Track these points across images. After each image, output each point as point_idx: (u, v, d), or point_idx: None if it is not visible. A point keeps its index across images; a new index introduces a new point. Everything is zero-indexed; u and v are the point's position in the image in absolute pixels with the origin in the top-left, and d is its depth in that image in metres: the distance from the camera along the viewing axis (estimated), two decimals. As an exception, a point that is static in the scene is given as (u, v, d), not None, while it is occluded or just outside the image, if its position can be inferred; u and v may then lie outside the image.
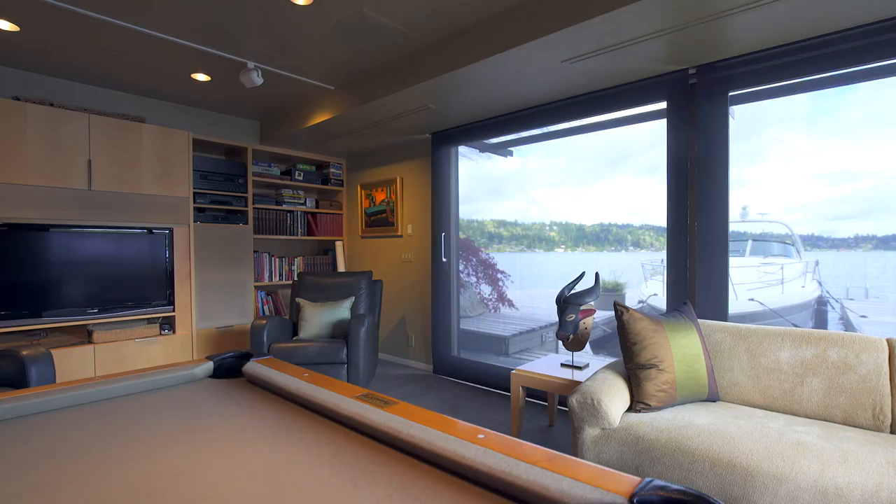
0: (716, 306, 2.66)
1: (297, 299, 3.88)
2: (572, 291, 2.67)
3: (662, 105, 2.86)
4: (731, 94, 2.61)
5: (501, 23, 2.47)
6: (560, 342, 2.81)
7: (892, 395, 1.88)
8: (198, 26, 2.63)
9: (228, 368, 1.49)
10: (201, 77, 3.38)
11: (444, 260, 4.18)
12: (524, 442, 0.92)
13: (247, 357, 1.50)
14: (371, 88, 3.31)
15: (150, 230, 3.70)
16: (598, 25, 2.13)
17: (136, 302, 3.64)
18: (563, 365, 2.72)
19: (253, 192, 4.47)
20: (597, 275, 2.76)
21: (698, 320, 2.35)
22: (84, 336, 3.49)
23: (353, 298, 3.90)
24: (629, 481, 0.73)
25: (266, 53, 2.99)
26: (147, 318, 3.73)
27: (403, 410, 1.07)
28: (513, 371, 2.68)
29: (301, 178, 4.86)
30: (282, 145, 4.62)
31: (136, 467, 0.93)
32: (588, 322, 2.65)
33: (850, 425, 1.91)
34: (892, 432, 1.85)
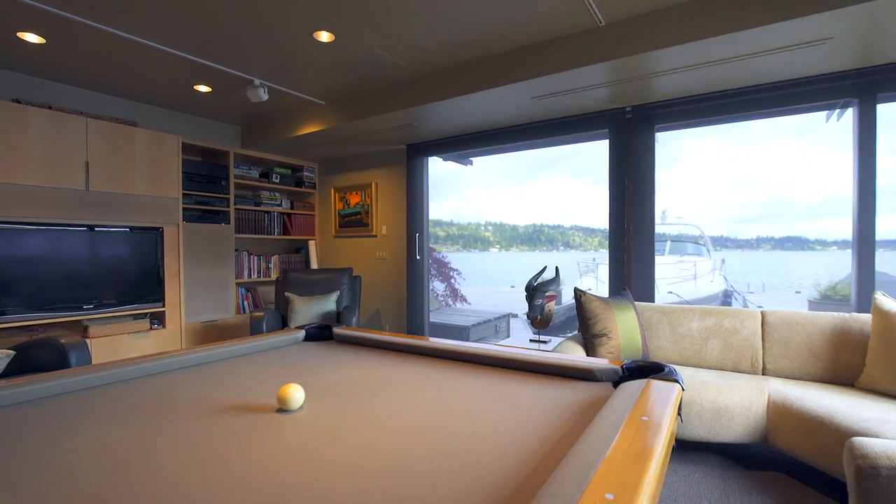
0: (646, 291, 3.41)
1: (286, 293, 4.22)
2: (538, 281, 3.31)
3: (605, 131, 3.59)
4: (656, 126, 3.38)
5: (487, 66, 3.05)
6: (520, 325, 3.42)
7: (763, 348, 2.68)
8: (213, 46, 2.96)
9: (311, 335, 1.94)
10: (203, 88, 3.66)
11: (417, 258, 4.69)
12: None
13: (326, 328, 1.96)
14: (363, 107, 3.77)
15: (142, 229, 3.89)
16: (562, 77, 2.79)
17: (130, 298, 3.83)
18: (531, 340, 3.35)
19: (234, 193, 4.72)
20: (556, 268, 3.43)
21: (634, 302, 3.07)
22: (80, 331, 3.64)
23: (338, 292, 4.31)
24: (621, 361, 1.34)
25: (271, 72, 3.36)
26: (139, 314, 3.92)
27: (469, 345, 1.64)
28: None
29: (277, 181, 5.16)
30: (261, 149, 4.91)
31: (331, 377, 1.42)
32: (551, 306, 3.30)
33: (737, 371, 2.69)
34: (762, 374, 2.65)
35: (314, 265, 5.50)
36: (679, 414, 1.01)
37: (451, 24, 2.64)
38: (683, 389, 1.12)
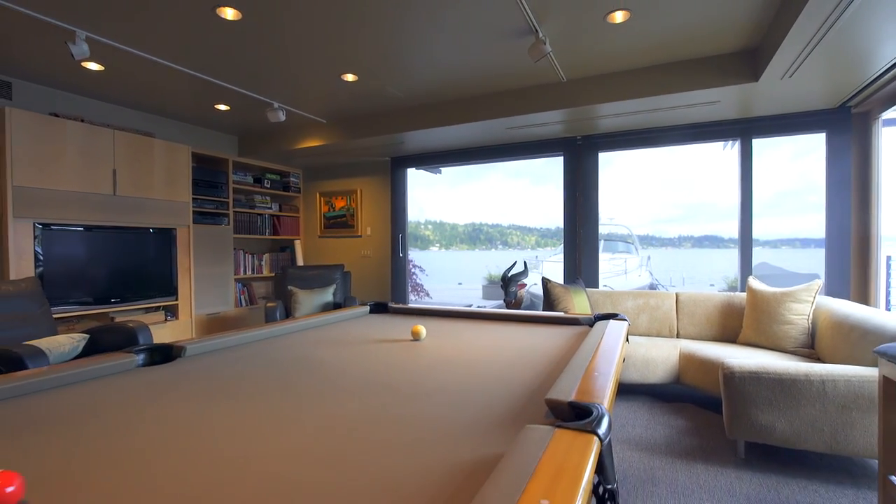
0: (592, 279, 4.36)
1: (290, 287, 4.78)
2: (512, 273, 4.15)
3: (561, 153, 4.50)
4: (600, 151, 4.33)
5: (475, 103, 3.85)
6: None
7: (677, 319, 3.68)
8: (242, 74, 3.49)
9: (372, 310, 2.64)
10: (222, 107, 4.16)
11: (401, 255, 5.40)
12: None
13: (382, 305, 2.66)
14: (361, 127, 4.43)
15: (159, 230, 4.32)
16: (532, 116, 3.65)
17: (149, 292, 4.24)
18: (506, 320, 4.19)
19: (233, 197, 5.18)
20: (525, 262, 4.29)
21: (586, 288, 3.99)
22: (107, 322, 4.01)
23: (334, 286, 4.93)
24: (592, 313, 2.17)
25: (289, 97, 3.94)
26: (157, 306, 4.34)
27: (496, 310, 2.40)
28: (476, 326, 4.07)
29: (269, 186, 5.66)
30: (256, 158, 5.39)
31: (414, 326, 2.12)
32: (521, 292, 4.15)
33: (660, 336, 3.67)
34: (677, 337, 3.65)
35: (300, 262, 6.03)
36: (627, 339, 1.85)
37: (451, 70, 3.39)
38: (629, 324, 1.97)
